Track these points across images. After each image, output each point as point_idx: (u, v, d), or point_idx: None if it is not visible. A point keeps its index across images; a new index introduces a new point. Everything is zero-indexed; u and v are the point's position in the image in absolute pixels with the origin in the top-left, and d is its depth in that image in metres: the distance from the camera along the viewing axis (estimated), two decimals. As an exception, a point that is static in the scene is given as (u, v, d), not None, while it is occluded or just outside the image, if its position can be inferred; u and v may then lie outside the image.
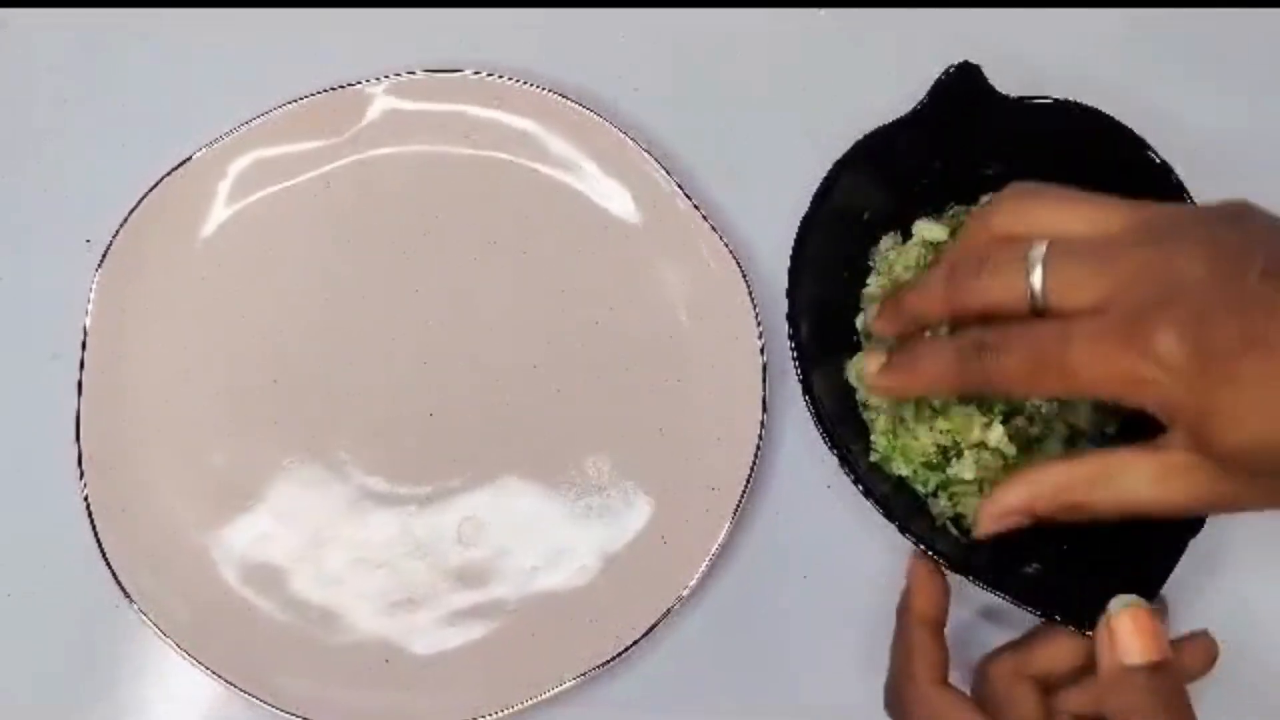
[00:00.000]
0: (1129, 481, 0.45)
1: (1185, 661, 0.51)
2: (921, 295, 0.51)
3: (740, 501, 0.59)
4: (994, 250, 0.48)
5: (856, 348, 0.61)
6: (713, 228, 0.63)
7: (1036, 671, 0.52)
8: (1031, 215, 0.48)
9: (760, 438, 0.60)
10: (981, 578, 0.55)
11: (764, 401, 0.60)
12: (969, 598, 0.60)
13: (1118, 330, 0.42)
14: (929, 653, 0.53)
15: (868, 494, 0.56)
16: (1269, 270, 0.40)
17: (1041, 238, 0.46)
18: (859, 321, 0.62)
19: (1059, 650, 0.52)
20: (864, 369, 0.55)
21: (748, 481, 0.60)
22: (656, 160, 0.64)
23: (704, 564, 0.59)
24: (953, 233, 0.61)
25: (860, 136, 0.60)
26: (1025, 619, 0.55)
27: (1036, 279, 0.45)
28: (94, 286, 0.63)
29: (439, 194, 0.67)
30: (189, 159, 0.65)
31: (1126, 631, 0.45)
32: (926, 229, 0.61)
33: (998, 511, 0.48)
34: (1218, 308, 0.40)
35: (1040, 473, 0.48)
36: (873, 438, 0.60)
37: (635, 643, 0.58)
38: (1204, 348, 0.40)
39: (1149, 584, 0.54)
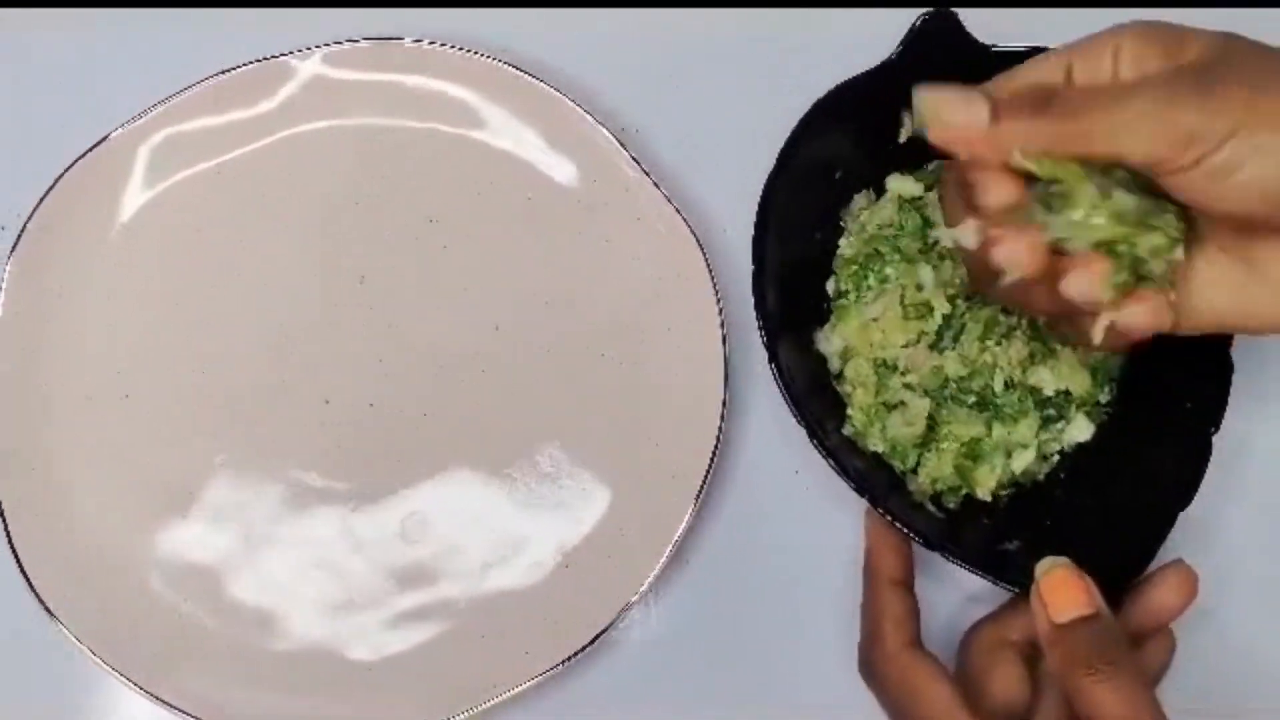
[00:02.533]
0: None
1: (1157, 601, 0.50)
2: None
3: (702, 488, 0.55)
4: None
5: (828, 316, 0.57)
6: (666, 196, 0.58)
7: (1019, 638, 0.50)
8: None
9: (723, 419, 0.55)
10: (961, 556, 0.51)
11: (726, 380, 0.56)
12: (954, 580, 0.57)
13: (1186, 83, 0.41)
14: (896, 613, 0.51)
15: (839, 469, 0.51)
16: None
17: None
18: (830, 287, 0.57)
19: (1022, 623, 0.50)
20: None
21: (710, 467, 0.55)
22: (606, 128, 0.59)
23: (665, 556, 0.54)
24: (929, 188, 0.57)
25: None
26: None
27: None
28: (5, 274, 0.59)
29: (376, 170, 0.62)
30: (105, 138, 0.60)
31: (1053, 591, 0.46)
32: (901, 184, 0.57)
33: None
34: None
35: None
36: (849, 411, 0.55)
37: (592, 642, 0.53)
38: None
39: (1136, 560, 0.51)
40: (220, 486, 0.58)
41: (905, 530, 0.51)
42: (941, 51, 0.55)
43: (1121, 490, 0.54)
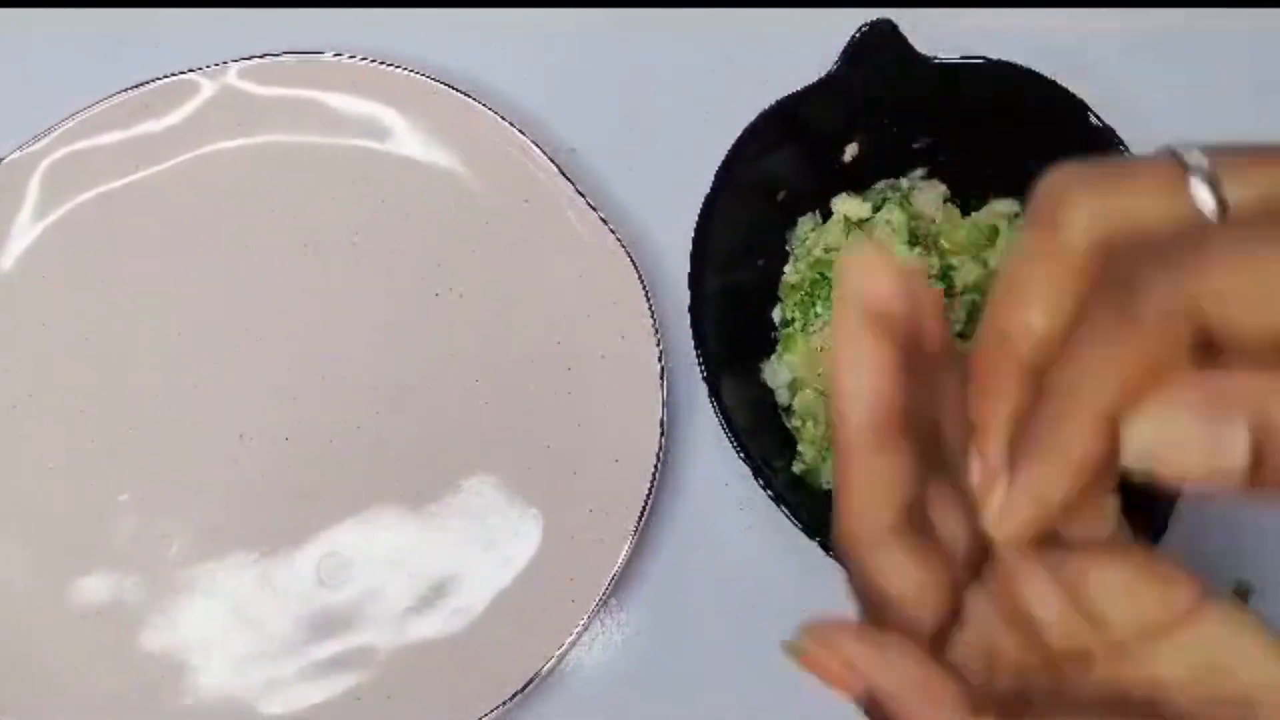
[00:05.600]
0: None
1: None
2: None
3: (639, 525, 0.51)
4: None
5: (775, 346, 0.54)
6: (601, 218, 0.55)
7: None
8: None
9: (660, 452, 0.52)
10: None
11: (664, 410, 0.52)
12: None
13: None
14: (867, 476, 0.28)
15: (789, 513, 0.48)
16: None
17: None
18: (776, 315, 0.54)
19: None
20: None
21: (646, 502, 0.51)
22: (538, 146, 0.56)
23: (597, 599, 0.50)
24: (876, 209, 0.54)
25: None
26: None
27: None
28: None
29: (290, 190, 0.58)
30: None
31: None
32: (847, 205, 0.54)
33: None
34: None
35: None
36: (799, 447, 0.52)
37: (522, 690, 0.49)
38: None
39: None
40: (125, 528, 0.54)
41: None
42: (881, 63, 0.53)
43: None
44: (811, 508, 0.50)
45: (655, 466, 0.52)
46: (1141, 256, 0.25)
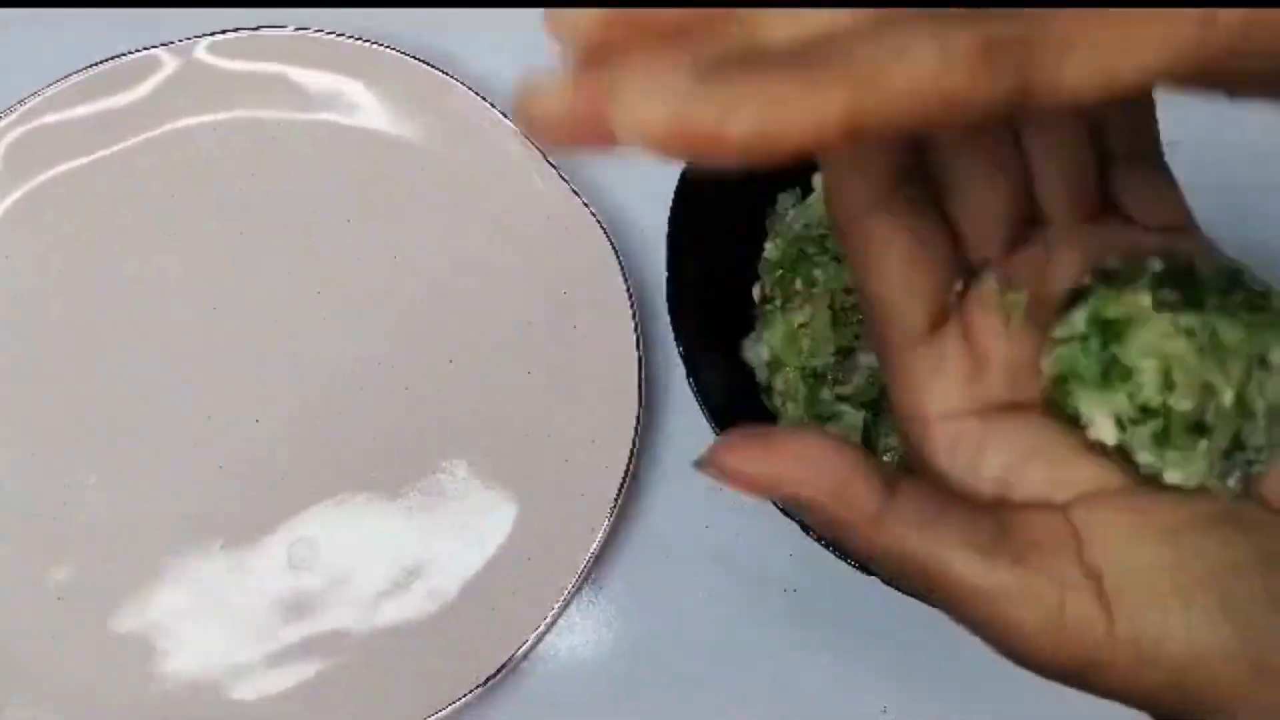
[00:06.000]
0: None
1: None
2: None
3: (616, 505, 0.50)
4: None
5: (754, 324, 0.53)
6: (574, 191, 0.54)
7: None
8: None
9: (637, 431, 0.51)
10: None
11: (641, 389, 0.51)
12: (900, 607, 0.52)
13: None
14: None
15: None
16: None
17: None
18: (756, 293, 0.53)
19: None
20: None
21: (623, 484, 0.50)
22: (510, 119, 0.55)
23: (574, 581, 0.49)
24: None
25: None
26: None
27: None
28: None
29: (257, 167, 0.57)
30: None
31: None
32: (829, 181, 0.53)
33: None
34: None
35: None
36: (780, 426, 0.51)
37: (495, 675, 0.48)
38: None
39: None
40: (92, 511, 0.53)
41: (838, 555, 0.46)
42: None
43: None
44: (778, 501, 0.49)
45: (633, 446, 0.51)
46: None
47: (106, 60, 0.56)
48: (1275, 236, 0.52)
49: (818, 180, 0.53)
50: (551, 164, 0.54)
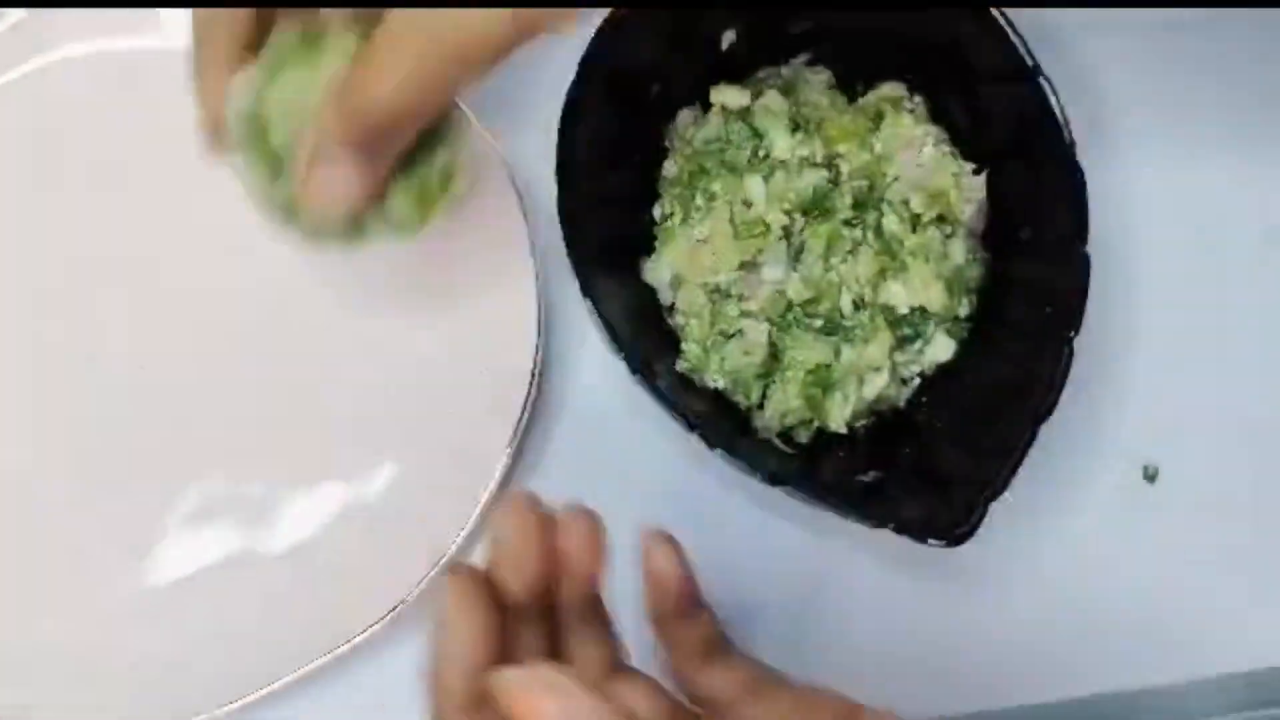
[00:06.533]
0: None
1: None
2: None
3: (514, 438, 0.49)
4: None
5: (654, 244, 0.52)
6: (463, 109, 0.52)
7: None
8: None
9: (537, 360, 0.50)
10: (812, 492, 0.45)
11: (540, 313, 0.50)
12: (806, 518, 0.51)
13: None
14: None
15: (669, 406, 0.46)
16: None
17: None
18: (657, 212, 0.52)
19: None
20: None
21: (523, 412, 0.49)
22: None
23: (471, 522, 0.48)
24: (756, 97, 0.51)
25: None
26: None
27: None
28: None
29: (142, 102, 0.54)
30: None
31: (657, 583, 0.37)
32: (725, 94, 0.52)
33: None
34: None
35: None
36: (683, 346, 0.50)
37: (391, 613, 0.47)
38: None
39: (998, 477, 0.46)
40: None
41: (749, 469, 0.45)
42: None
43: (981, 407, 0.49)
44: (699, 408, 0.48)
45: (532, 375, 0.49)
46: None
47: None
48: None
49: (714, 93, 0.52)
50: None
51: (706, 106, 0.53)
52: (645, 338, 0.49)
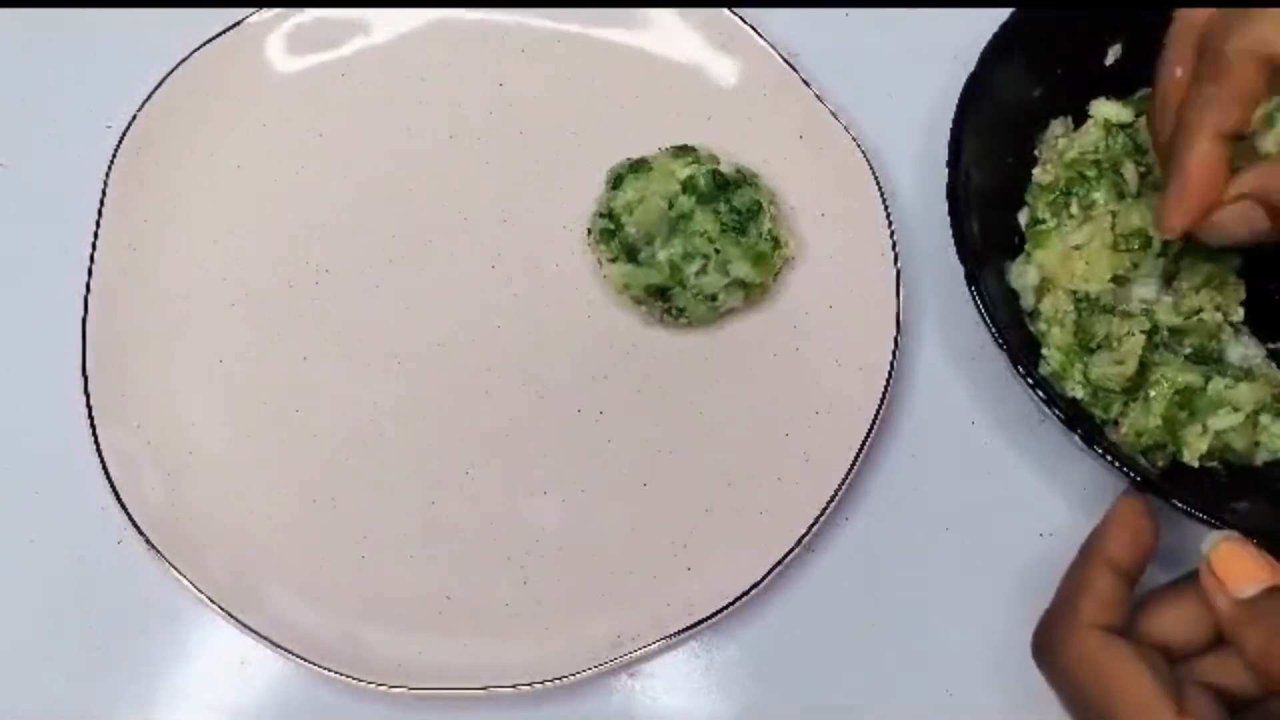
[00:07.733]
0: None
1: None
2: None
3: (869, 434, 0.49)
4: None
5: (1019, 249, 0.51)
6: (832, 111, 0.53)
7: (1155, 641, 0.42)
8: None
9: (893, 363, 0.50)
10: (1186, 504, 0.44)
11: (899, 308, 0.50)
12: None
13: None
14: (1102, 592, 0.42)
15: (1046, 400, 0.45)
16: None
17: None
18: (1022, 217, 0.51)
19: (1171, 618, 0.43)
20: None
21: (878, 413, 0.49)
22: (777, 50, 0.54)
23: (817, 511, 0.48)
24: (1139, 114, 0.51)
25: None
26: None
27: None
28: (110, 173, 0.54)
29: (513, 77, 0.56)
30: (229, 29, 0.56)
31: (1227, 565, 0.41)
32: (1108, 109, 0.52)
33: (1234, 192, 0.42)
34: None
35: None
36: (1044, 352, 0.49)
37: (739, 600, 0.47)
38: None
39: None
40: (319, 400, 0.52)
41: (1122, 469, 0.44)
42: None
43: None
44: (1060, 409, 0.47)
45: (888, 378, 0.50)
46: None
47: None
48: None
49: (1095, 107, 0.52)
50: (804, 80, 0.54)
51: (1078, 117, 0.52)
52: (1007, 340, 0.48)
